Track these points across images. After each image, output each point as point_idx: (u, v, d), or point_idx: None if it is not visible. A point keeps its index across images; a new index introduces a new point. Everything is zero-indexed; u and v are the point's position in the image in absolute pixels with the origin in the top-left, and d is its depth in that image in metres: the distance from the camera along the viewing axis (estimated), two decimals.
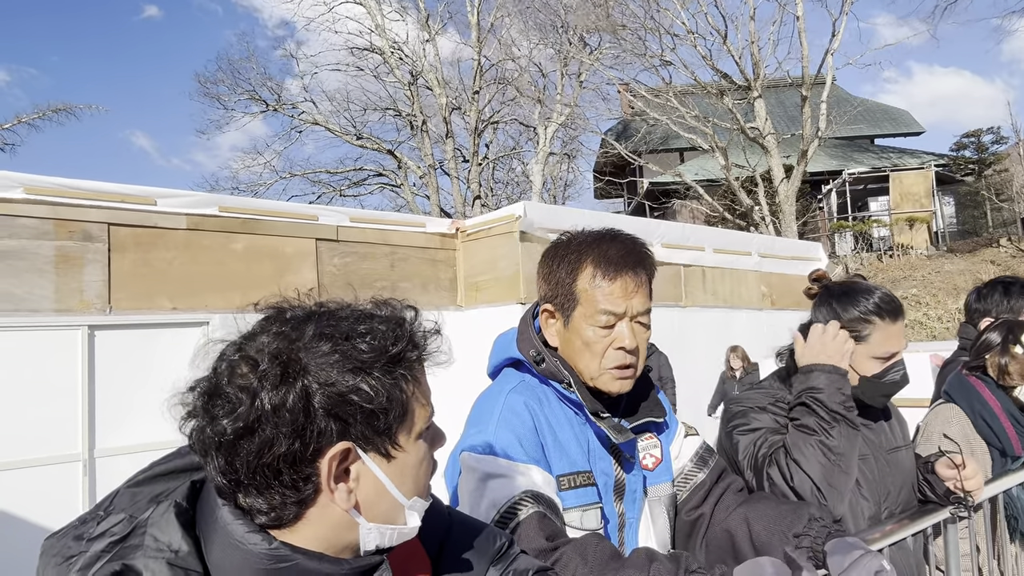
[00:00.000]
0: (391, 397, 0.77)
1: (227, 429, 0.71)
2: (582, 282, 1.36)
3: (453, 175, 22.05)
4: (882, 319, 1.70)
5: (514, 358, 1.44)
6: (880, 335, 1.71)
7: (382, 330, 0.79)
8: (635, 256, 1.37)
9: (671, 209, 22.08)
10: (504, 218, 5.40)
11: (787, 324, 7.70)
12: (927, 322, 15.63)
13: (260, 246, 4.69)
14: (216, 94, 22.32)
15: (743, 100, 18.33)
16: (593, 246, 1.38)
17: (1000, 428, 2.09)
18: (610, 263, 1.35)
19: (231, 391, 0.72)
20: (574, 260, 1.37)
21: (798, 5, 16.92)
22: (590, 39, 21.00)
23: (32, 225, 3.90)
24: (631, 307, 1.35)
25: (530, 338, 1.42)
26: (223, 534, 0.73)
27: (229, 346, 0.77)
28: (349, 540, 0.78)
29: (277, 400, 0.71)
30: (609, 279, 1.34)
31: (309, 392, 0.73)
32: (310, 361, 0.74)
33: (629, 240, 1.40)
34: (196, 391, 0.75)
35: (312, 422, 0.73)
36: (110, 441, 4.02)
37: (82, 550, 0.73)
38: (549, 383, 1.39)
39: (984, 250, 19.29)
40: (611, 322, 1.34)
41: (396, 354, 0.78)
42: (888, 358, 1.73)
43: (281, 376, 0.72)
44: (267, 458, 0.71)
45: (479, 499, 1.23)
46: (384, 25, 21.68)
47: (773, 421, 1.69)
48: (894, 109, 26.83)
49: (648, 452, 1.48)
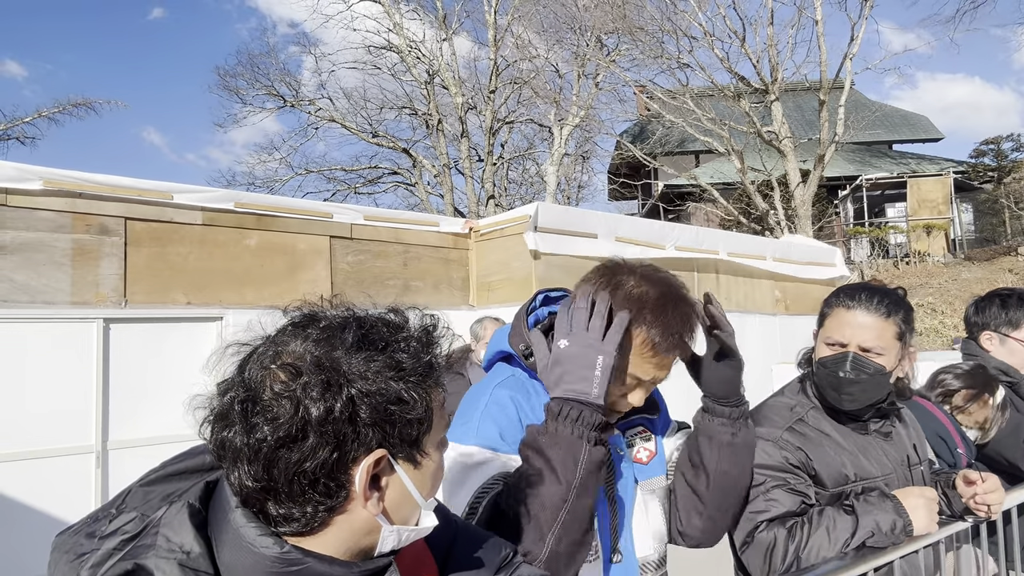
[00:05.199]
0: (425, 406, 0.77)
1: (268, 437, 0.70)
2: (634, 340, 1.26)
3: (467, 174, 22.07)
4: (839, 305, 1.71)
5: (505, 352, 1.43)
6: (833, 321, 1.73)
7: (416, 339, 0.80)
8: (692, 327, 1.29)
9: (686, 212, 21.99)
10: (518, 218, 5.39)
11: (801, 330, 7.67)
12: (943, 330, 15.47)
13: (274, 242, 4.71)
14: (235, 87, 22.47)
15: (760, 103, 18.23)
16: (659, 309, 1.25)
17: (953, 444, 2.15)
18: (670, 337, 1.25)
19: (271, 399, 0.71)
20: (635, 313, 1.25)
21: (817, 9, 16.81)
22: (607, 40, 20.95)
23: (50, 218, 3.94)
24: (659, 376, 1.31)
25: (521, 332, 1.39)
26: (235, 536, 0.73)
27: (262, 352, 0.76)
28: (366, 544, 0.79)
29: (323, 410, 0.71)
30: (663, 352, 1.26)
31: (355, 401, 0.72)
32: (353, 369, 0.73)
33: (688, 309, 1.29)
34: (229, 397, 0.74)
35: (356, 431, 0.72)
36: (123, 434, 4.05)
37: (94, 547, 0.73)
38: (537, 378, 1.36)
39: (1002, 258, 19.07)
40: (634, 385, 1.31)
41: (428, 363, 0.79)
42: (833, 345, 1.71)
43: (325, 385, 0.71)
44: (306, 466, 0.71)
45: (458, 488, 1.22)
46: (402, 24, 21.73)
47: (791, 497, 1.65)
48: (912, 115, 26.60)
49: (642, 446, 1.47)
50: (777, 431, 1.71)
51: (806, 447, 1.70)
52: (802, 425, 1.74)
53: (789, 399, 1.83)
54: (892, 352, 1.67)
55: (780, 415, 1.77)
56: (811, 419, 1.76)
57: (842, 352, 1.68)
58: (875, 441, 1.76)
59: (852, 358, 1.67)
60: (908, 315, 1.71)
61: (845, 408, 1.72)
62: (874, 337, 1.66)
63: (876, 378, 1.66)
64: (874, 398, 1.69)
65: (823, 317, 1.77)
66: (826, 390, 1.72)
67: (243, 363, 0.76)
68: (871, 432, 1.76)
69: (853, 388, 1.67)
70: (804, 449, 1.69)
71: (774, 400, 1.87)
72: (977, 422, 2.30)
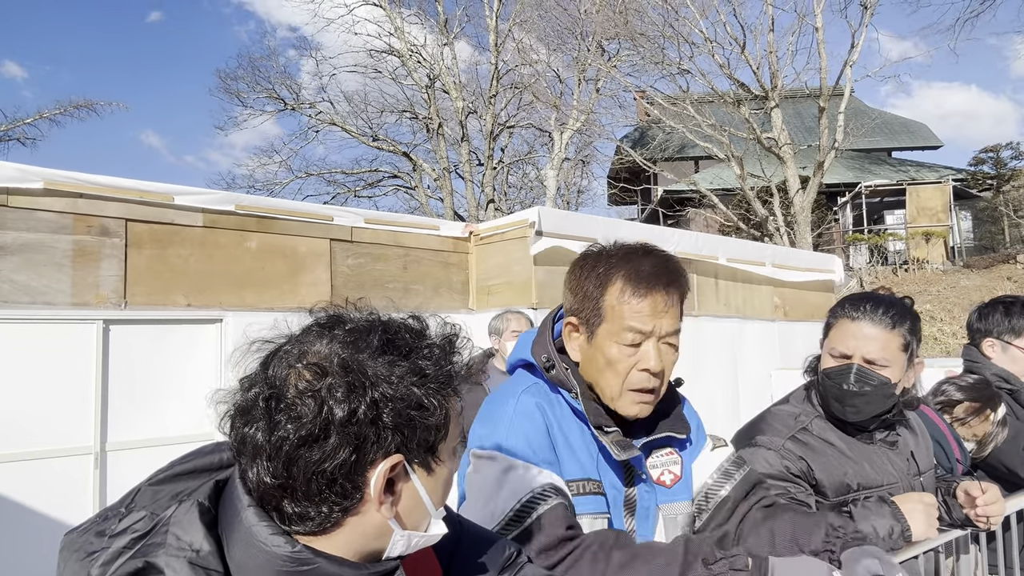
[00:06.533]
0: (444, 413, 0.78)
1: (290, 435, 0.71)
2: (610, 297, 1.29)
3: (467, 178, 22.08)
4: (844, 316, 1.69)
5: (527, 361, 1.41)
6: (837, 332, 1.71)
7: (438, 346, 0.80)
8: (668, 274, 1.29)
9: (685, 217, 22.01)
10: (517, 223, 5.40)
11: (800, 336, 7.62)
12: (942, 338, 15.49)
13: (275, 245, 4.71)
14: (236, 90, 22.50)
15: (760, 110, 18.28)
16: (625, 260, 1.30)
17: (950, 450, 2.16)
18: (641, 279, 1.27)
19: (296, 397, 0.72)
20: (603, 274, 1.30)
21: (817, 16, 16.85)
22: (608, 46, 20.99)
23: (51, 219, 3.94)
24: (659, 327, 1.28)
25: (545, 343, 1.38)
26: (246, 535, 0.73)
27: (287, 350, 0.76)
28: (376, 547, 0.79)
29: (347, 410, 0.71)
30: (639, 296, 1.27)
31: (379, 404, 0.73)
32: (378, 373, 0.74)
33: (663, 256, 1.33)
34: (253, 393, 0.74)
35: (377, 434, 0.73)
36: (121, 435, 4.04)
37: (104, 546, 0.74)
38: (558, 391, 1.35)
39: (1001, 266, 19.10)
40: (637, 341, 1.28)
41: (449, 371, 0.80)
42: (838, 356, 1.68)
43: (350, 387, 0.72)
44: (326, 466, 0.71)
45: (497, 489, 1.20)
46: (403, 28, 21.77)
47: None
48: (912, 122, 26.64)
49: (667, 468, 1.41)
50: (779, 440, 1.71)
51: (808, 456, 1.69)
52: (805, 434, 1.73)
53: (793, 407, 1.82)
54: (897, 364, 1.65)
55: (783, 424, 1.76)
56: (815, 428, 1.75)
57: (846, 364, 1.67)
58: (880, 450, 1.75)
59: (856, 370, 1.65)
60: (915, 325, 1.68)
61: (849, 420, 1.70)
62: (878, 349, 1.64)
63: (880, 390, 1.64)
64: (879, 410, 1.67)
65: (828, 327, 1.76)
66: (830, 402, 1.71)
67: (267, 360, 0.76)
68: (876, 442, 1.75)
69: (857, 400, 1.66)
70: (806, 458, 1.68)
71: (778, 408, 1.86)
72: (976, 436, 2.31)
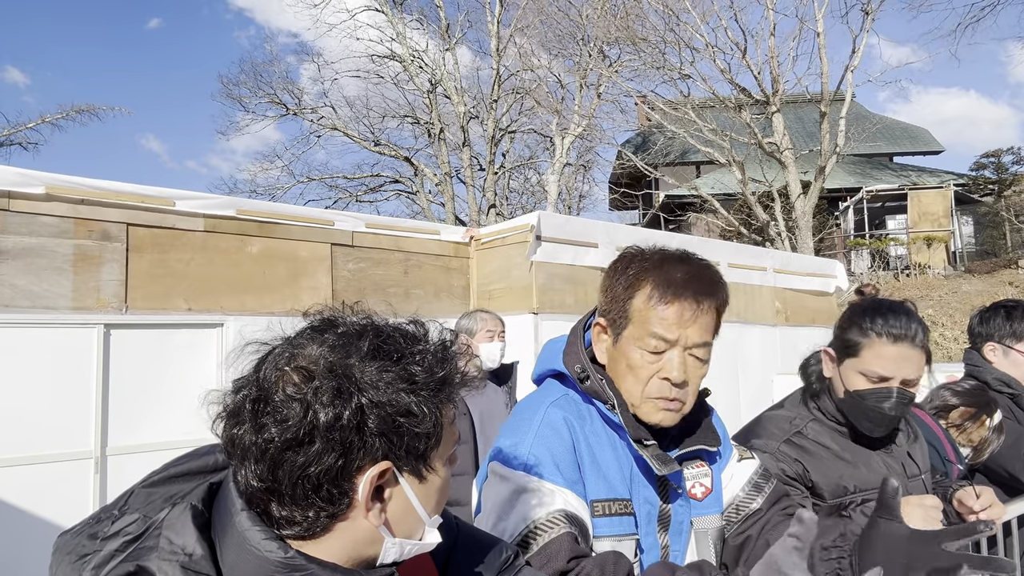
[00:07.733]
0: (435, 421, 0.77)
1: (275, 439, 0.71)
2: (638, 301, 1.25)
3: (469, 183, 22.10)
4: (881, 335, 1.63)
5: (558, 370, 1.37)
6: (871, 353, 1.64)
7: (431, 352, 0.79)
8: (701, 283, 1.25)
9: (686, 222, 22.01)
10: (519, 227, 5.40)
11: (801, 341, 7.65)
12: (943, 343, 15.46)
13: (276, 249, 4.71)
14: (238, 95, 22.56)
15: (761, 115, 18.28)
16: (658, 265, 1.26)
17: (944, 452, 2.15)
18: (671, 285, 1.23)
19: (282, 401, 0.72)
20: (634, 276, 1.27)
21: (819, 21, 16.87)
22: (609, 51, 21.04)
23: (52, 223, 3.95)
24: (685, 336, 1.22)
25: (577, 352, 1.34)
26: (239, 539, 0.73)
27: (278, 353, 0.76)
28: (369, 554, 0.78)
29: (331, 415, 0.71)
30: (666, 302, 1.22)
31: (364, 410, 0.72)
32: (365, 378, 0.73)
33: (700, 265, 1.28)
34: (242, 395, 0.74)
35: (362, 440, 0.72)
36: (122, 440, 4.04)
37: (96, 549, 0.73)
38: (593, 402, 1.31)
39: (1003, 271, 19.08)
40: (661, 348, 1.23)
41: (442, 378, 0.78)
42: (875, 380, 1.64)
43: (336, 392, 0.72)
44: (311, 471, 0.71)
45: (508, 510, 1.17)
46: (404, 33, 21.83)
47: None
48: (913, 127, 26.65)
49: (698, 481, 1.37)
50: (774, 443, 1.71)
51: (804, 459, 1.69)
52: (800, 438, 1.73)
53: (788, 412, 1.82)
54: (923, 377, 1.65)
55: (778, 427, 1.76)
56: (810, 431, 1.75)
57: (885, 387, 1.62)
58: (876, 453, 1.75)
59: (898, 394, 1.62)
60: (928, 335, 1.68)
61: (874, 436, 1.69)
62: (916, 369, 1.62)
63: (909, 406, 1.65)
64: (898, 423, 1.68)
65: (857, 346, 1.67)
66: (859, 421, 1.68)
67: (260, 362, 0.76)
68: (879, 448, 1.76)
69: (893, 422, 1.65)
70: (801, 461, 1.68)
71: (773, 412, 1.86)
72: (972, 441, 2.29)
